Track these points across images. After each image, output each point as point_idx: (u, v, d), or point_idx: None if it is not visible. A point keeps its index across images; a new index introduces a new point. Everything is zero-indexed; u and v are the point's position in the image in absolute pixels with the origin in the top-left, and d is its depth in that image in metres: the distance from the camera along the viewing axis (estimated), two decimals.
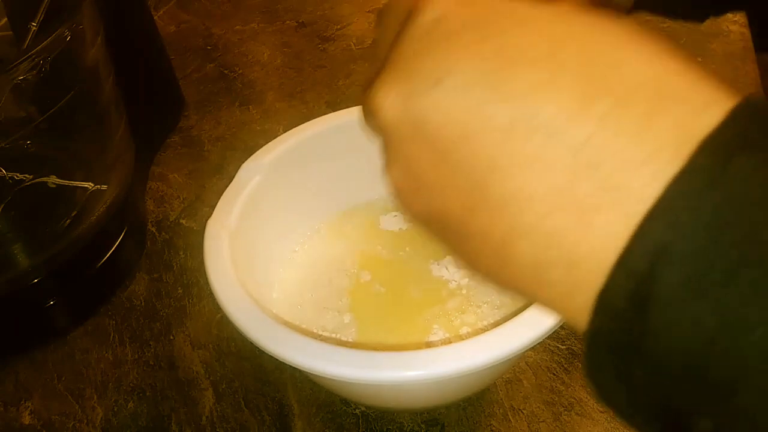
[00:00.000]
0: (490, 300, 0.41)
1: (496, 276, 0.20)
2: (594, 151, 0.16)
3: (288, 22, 0.83)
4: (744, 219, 0.15)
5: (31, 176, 0.45)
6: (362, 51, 0.76)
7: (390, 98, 0.20)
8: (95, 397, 0.45)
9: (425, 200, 0.21)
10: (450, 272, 0.43)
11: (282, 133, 0.45)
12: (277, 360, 0.32)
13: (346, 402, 0.43)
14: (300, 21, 0.82)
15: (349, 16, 0.82)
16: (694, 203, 0.15)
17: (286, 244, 0.46)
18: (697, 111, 0.16)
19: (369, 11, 0.83)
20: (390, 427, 0.41)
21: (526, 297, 0.20)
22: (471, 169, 0.18)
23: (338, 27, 0.80)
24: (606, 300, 0.17)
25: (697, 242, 0.15)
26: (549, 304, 0.19)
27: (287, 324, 0.34)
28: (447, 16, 0.20)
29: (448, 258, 0.44)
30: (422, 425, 0.41)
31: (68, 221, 0.48)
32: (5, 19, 0.51)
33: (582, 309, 0.17)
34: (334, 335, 0.40)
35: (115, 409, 0.44)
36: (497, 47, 0.18)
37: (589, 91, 0.17)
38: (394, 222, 0.47)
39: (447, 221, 0.20)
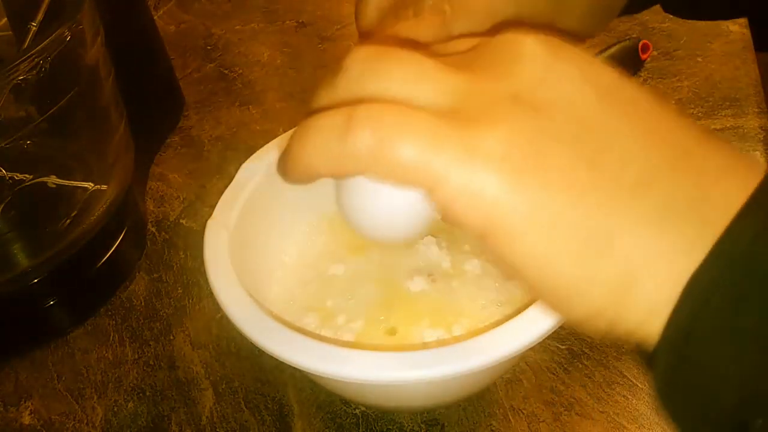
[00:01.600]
0: (493, 297, 0.41)
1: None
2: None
3: (288, 22, 0.83)
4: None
5: (31, 176, 0.45)
6: None
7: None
8: (95, 397, 0.45)
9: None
10: (456, 268, 0.43)
11: (282, 133, 0.45)
12: (277, 360, 0.32)
13: (346, 402, 0.43)
14: (300, 21, 0.82)
15: (349, 16, 0.82)
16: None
17: (286, 243, 0.46)
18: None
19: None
20: (390, 427, 0.41)
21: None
22: None
23: (338, 27, 0.80)
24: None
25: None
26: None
27: (287, 324, 0.34)
28: None
29: (453, 253, 0.44)
30: (422, 425, 0.41)
31: (68, 221, 0.48)
32: (5, 19, 0.51)
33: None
34: (334, 335, 0.40)
35: (115, 409, 0.44)
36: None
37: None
38: None
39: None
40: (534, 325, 0.31)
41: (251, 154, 0.43)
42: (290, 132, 0.45)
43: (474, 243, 0.45)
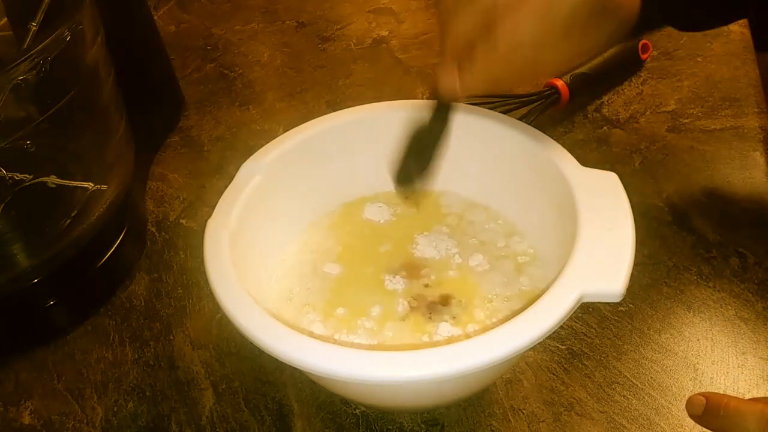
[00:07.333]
0: (499, 292, 0.41)
1: None
2: None
3: (288, 22, 0.83)
4: None
5: (31, 176, 0.45)
6: (362, 51, 0.76)
7: None
8: (95, 397, 0.45)
9: None
10: (456, 265, 0.43)
11: (282, 133, 0.45)
12: (277, 360, 0.32)
13: (346, 402, 0.43)
14: (300, 21, 0.82)
15: (349, 16, 0.82)
16: None
17: (286, 243, 0.46)
18: None
19: (369, 11, 0.83)
20: (390, 427, 0.41)
21: None
22: None
23: (338, 27, 0.80)
24: None
25: None
26: None
27: (287, 324, 0.34)
28: None
29: (454, 252, 0.44)
30: (422, 425, 0.41)
31: (68, 221, 0.48)
32: (5, 19, 0.51)
33: None
34: (334, 334, 0.40)
35: (115, 409, 0.44)
36: None
37: None
38: (391, 215, 0.47)
39: None
40: (533, 326, 0.31)
41: (251, 154, 0.43)
42: (290, 131, 0.45)
43: (480, 238, 0.45)
